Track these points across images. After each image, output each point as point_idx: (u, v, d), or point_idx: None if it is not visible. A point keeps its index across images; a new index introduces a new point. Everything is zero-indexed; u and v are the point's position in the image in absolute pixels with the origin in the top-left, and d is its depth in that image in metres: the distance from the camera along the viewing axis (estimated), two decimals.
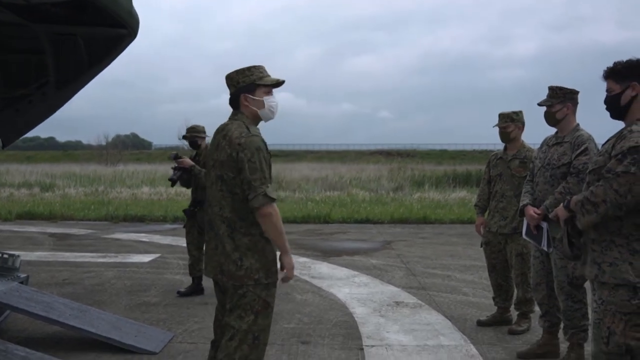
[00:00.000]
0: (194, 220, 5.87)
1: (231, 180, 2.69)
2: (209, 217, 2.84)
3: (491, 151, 6.26)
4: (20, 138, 6.16)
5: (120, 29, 4.79)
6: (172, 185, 6.00)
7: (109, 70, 5.31)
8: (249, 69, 2.81)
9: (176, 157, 5.76)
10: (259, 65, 2.85)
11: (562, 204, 2.73)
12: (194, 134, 5.99)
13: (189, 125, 6.17)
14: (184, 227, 6.05)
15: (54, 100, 5.29)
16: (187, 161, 5.73)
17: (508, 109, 4.70)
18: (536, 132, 5.53)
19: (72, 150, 67.31)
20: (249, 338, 2.70)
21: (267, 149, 2.72)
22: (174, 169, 5.79)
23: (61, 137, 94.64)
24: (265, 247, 2.73)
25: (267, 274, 2.71)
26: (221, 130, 2.82)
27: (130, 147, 65.92)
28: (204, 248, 2.99)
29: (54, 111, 5.54)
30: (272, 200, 2.63)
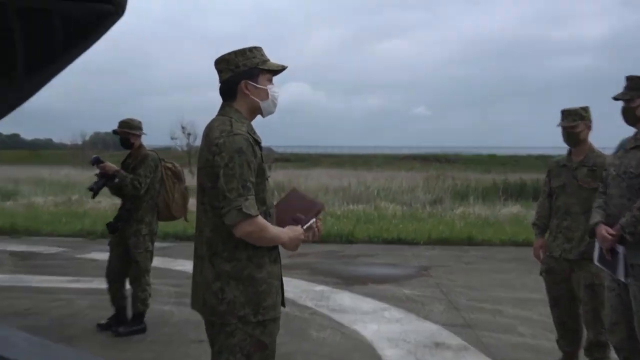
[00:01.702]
0: (120, 237, 5.77)
1: (210, 190, 2.59)
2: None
3: (551, 156, 6.23)
4: None
5: (105, 5, 4.83)
6: (93, 197, 5.90)
7: (88, 54, 5.36)
8: (250, 50, 2.72)
9: (97, 162, 5.66)
10: (259, 47, 2.77)
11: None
12: (125, 130, 5.82)
13: (124, 119, 5.91)
14: (108, 244, 5.97)
15: (22, 89, 5.35)
16: (110, 166, 5.65)
17: (571, 104, 4.67)
18: (603, 134, 5.46)
19: (40, 150, 68.17)
20: None
21: (253, 150, 2.59)
22: (97, 175, 5.72)
23: (27, 134, 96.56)
24: (254, 276, 2.57)
25: (257, 310, 2.56)
26: (205, 130, 2.74)
27: (112, 147, 66.36)
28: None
29: (22, 102, 5.59)
30: (249, 216, 2.48)
